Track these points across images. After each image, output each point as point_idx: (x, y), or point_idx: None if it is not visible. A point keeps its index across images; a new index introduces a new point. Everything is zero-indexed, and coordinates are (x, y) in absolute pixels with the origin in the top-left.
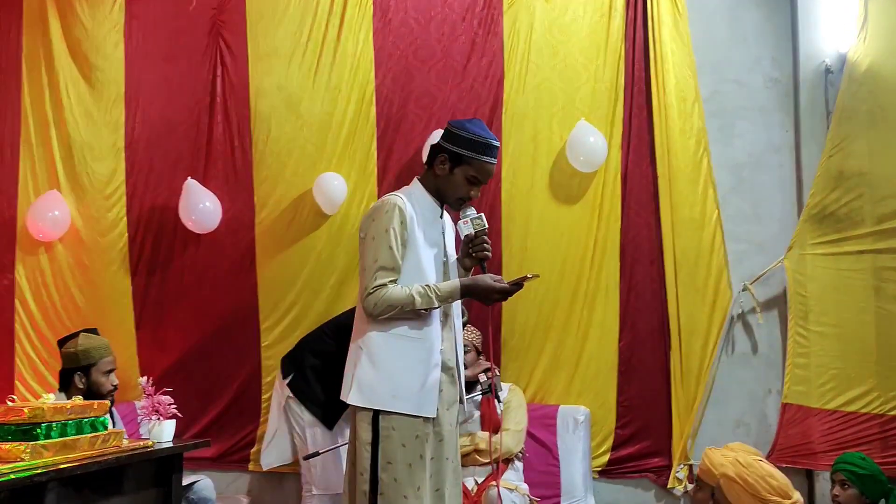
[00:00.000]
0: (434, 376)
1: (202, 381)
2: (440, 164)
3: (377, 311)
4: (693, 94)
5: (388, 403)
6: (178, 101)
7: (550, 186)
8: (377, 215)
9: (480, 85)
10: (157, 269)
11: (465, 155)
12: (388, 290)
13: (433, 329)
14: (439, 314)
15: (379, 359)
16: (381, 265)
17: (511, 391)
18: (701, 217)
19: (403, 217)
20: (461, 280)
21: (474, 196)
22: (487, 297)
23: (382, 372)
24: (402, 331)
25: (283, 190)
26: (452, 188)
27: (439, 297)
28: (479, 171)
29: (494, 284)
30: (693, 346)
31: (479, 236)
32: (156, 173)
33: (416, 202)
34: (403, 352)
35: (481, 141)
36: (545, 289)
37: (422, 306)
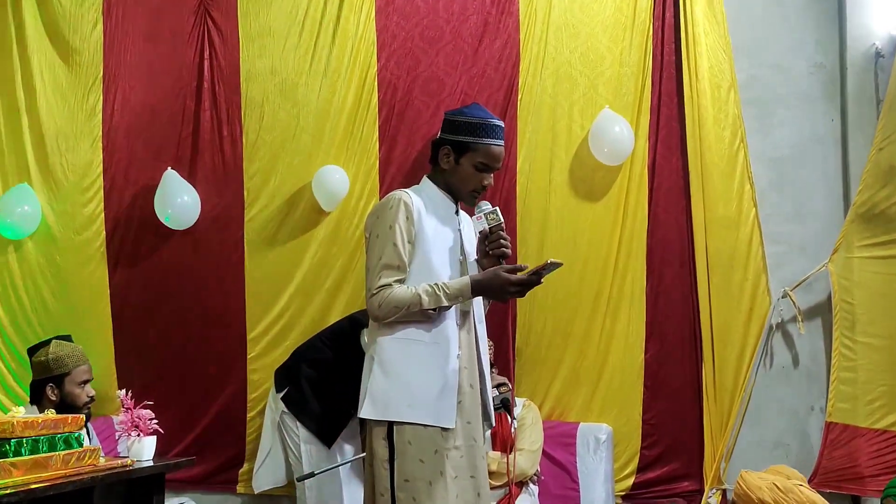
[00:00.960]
0: (451, 384)
1: (185, 394)
2: (444, 157)
3: (382, 312)
4: (728, 79)
5: (403, 413)
6: (161, 86)
7: (570, 181)
8: (382, 212)
9: (493, 69)
10: (138, 269)
11: (467, 142)
12: (392, 291)
13: (448, 332)
14: (455, 316)
15: (390, 366)
16: (386, 263)
17: (525, 407)
18: (737, 215)
19: (409, 212)
20: (472, 276)
21: (488, 185)
22: (502, 291)
23: (395, 380)
24: (414, 334)
25: (277, 183)
26: (462, 181)
27: (448, 295)
28: (486, 155)
29: (509, 277)
30: (727, 359)
31: (495, 232)
32: (136, 164)
33: (428, 198)
34: (416, 357)
35: (482, 123)
36: (564, 294)
37: (430, 306)
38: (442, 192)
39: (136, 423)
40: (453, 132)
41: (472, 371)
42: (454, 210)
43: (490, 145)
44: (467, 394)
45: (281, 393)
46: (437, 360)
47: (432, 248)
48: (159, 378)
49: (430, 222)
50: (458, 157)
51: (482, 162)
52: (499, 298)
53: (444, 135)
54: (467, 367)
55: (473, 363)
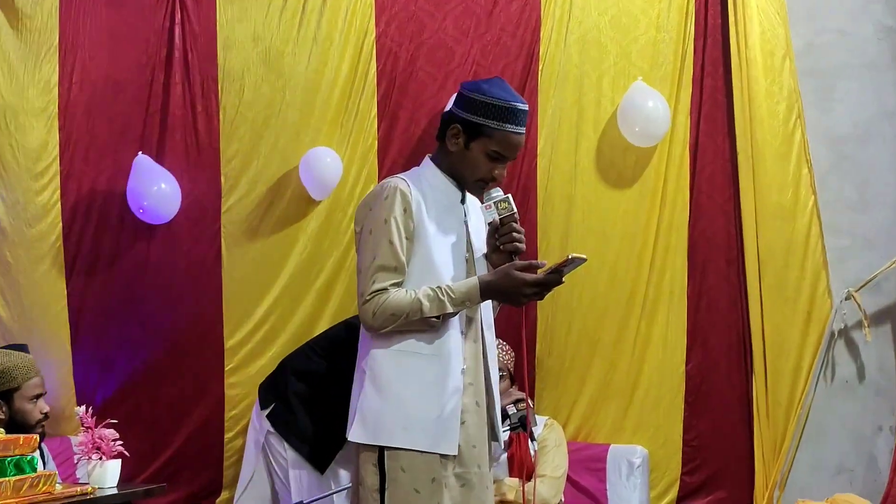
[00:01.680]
0: (454, 403)
1: (154, 411)
2: (453, 137)
3: (377, 322)
4: (783, 46)
5: (397, 437)
6: (126, 55)
7: (599, 164)
8: (375, 203)
9: (510, 36)
10: (99, 268)
11: (482, 124)
12: (388, 296)
13: (452, 343)
14: (459, 323)
15: (384, 383)
16: (381, 265)
17: (547, 427)
18: (792, 204)
19: (408, 203)
20: (480, 277)
21: (499, 177)
22: (517, 294)
23: (389, 399)
24: (412, 346)
25: (259, 168)
26: (469, 167)
27: (454, 300)
28: (502, 144)
29: (525, 276)
30: (782, 371)
31: (507, 223)
32: (98, 146)
33: (428, 185)
34: (414, 373)
35: (503, 105)
36: (591, 295)
37: (432, 313)
38: (446, 177)
39: (97, 445)
40: (468, 110)
41: (479, 387)
42: (459, 198)
43: (510, 133)
44: (472, 413)
45: (266, 410)
46: (438, 376)
47: (434, 244)
48: (124, 393)
49: (431, 214)
50: (469, 139)
51: (497, 151)
52: (513, 302)
53: (456, 111)
54: (473, 383)
55: (480, 377)
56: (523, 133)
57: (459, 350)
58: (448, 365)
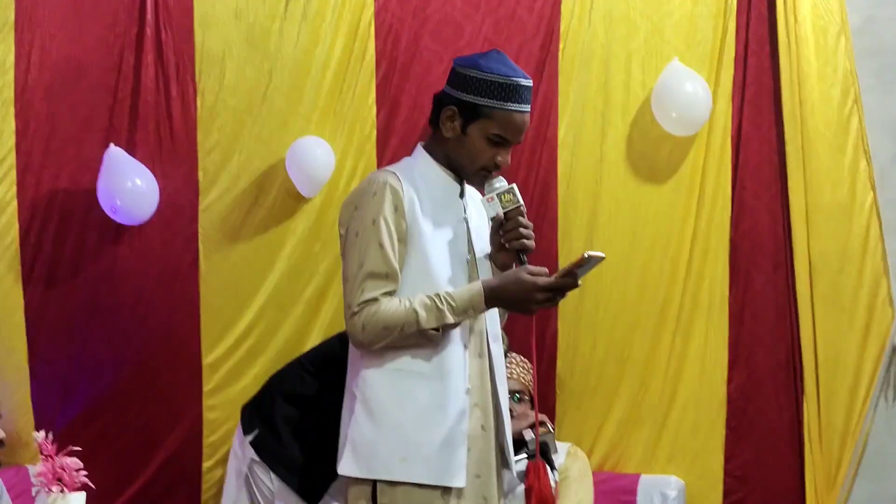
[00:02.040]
0: (460, 429)
1: (123, 437)
2: (447, 121)
3: (367, 336)
4: (838, 22)
5: (394, 470)
6: (91, 33)
7: (629, 156)
8: (361, 201)
9: (526, 10)
10: (61, 275)
11: (481, 105)
12: (380, 307)
13: (453, 359)
14: (461, 336)
15: (378, 407)
16: (370, 271)
17: (570, 456)
18: (849, 202)
19: (399, 200)
20: (484, 281)
21: (503, 164)
22: (527, 300)
23: (384, 426)
24: (408, 364)
25: (242, 161)
26: (469, 155)
27: (455, 308)
28: (504, 125)
29: (535, 280)
30: (837, 391)
31: (513, 217)
32: (59, 137)
33: (422, 178)
34: (412, 395)
35: (503, 81)
36: (620, 305)
37: (430, 325)
38: (441, 168)
39: (58, 475)
40: (464, 89)
41: (485, 408)
42: (458, 192)
43: (512, 112)
44: (478, 439)
45: (250, 436)
46: (439, 399)
47: (430, 245)
48: (88, 417)
49: (426, 211)
50: (465, 123)
51: (498, 134)
52: (522, 310)
53: (450, 90)
54: (479, 404)
55: (486, 397)
56: (528, 111)
57: (463, 367)
58: (450, 385)
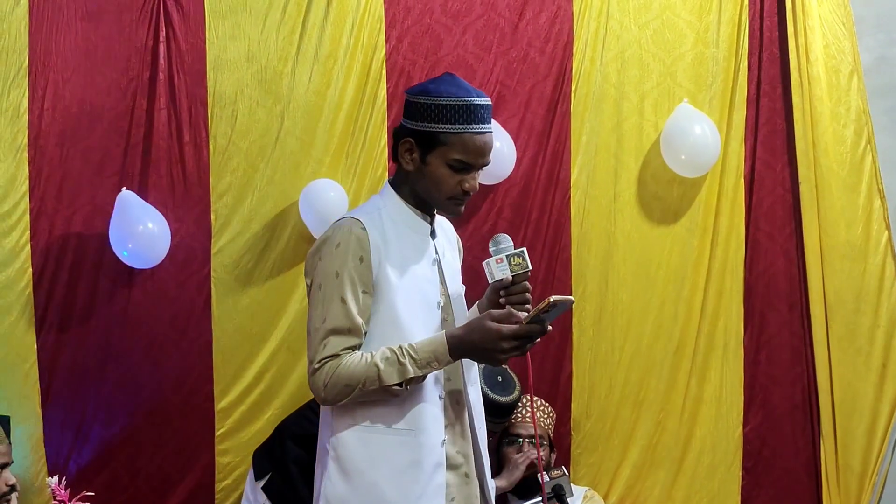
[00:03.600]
0: (436, 482)
1: (135, 482)
2: (406, 154)
3: (329, 394)
4: (850, 61)
5: None
6: (103, 78)
7: (641, 197)
8: (324, 251)
9: (538, 52)
10: (74, 320)
11: (435, 131)
12: (341, 363)
13: (427, 412)
14: (435, 387)
15: (351, 467)
16: (332, 328)
17: (587, 499)
18: (864, 241)
19: (364, 250)
20: (448, 331)
21: (471, 190)
22: (492, 350)
23: (358, 485)
24: (380, 420)
25: (254, 204)
26: (432, 185)
27: (417, 361)
28: (464, 149)
29: (499, 328)
30: (854, 432)
31: (520, 283)
32: (72, 181)
33: (389, 219)
34: (385, 453)
35: (456, 103)
36: (634, 347)
37: (392, 380)
38: (409, 207)
39: None
40: (416, 118)
41: (468, 455)
42: (427, 231)
43: (468, 133)
44: (459, 487)
45: (261, 481)
46: (414, 455)
47: (399, 294)
48: (101, 462)
49: (394, 257)
50: (424, 153)
51: (457, 159)
52: (489, 360)
53: (405, 121)
54: (461, 452)
55: (467, 445)
56: (489, 132)
57: (438, 420)
58: (425, 440)
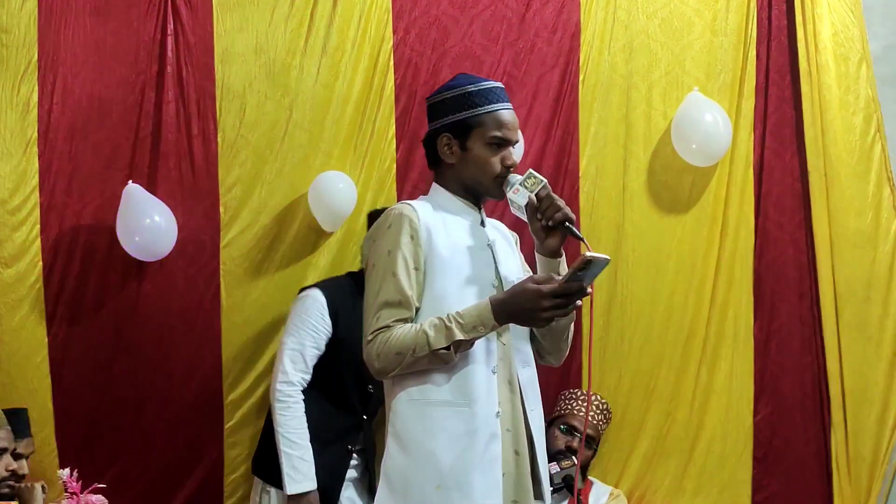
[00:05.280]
0: (492, 452)
1: (146, 474)
2: (446, 150)
3: (382, 364)
4: (859, 49)
5: (430, 498)
6: (113, 72)
7: (650, 187)
8: (378, 234)
9: (546, 42)
10: (84, 313)
11: (468, 117)
12: (392, 333)
13: (480, 384)
14: (487, 361)
15: (408, 439)
16: (384, 301)
17: (612, 497)
18: (873, 230)
19: (415, 230)
20: (491, 297)
21: (512, 164)
22: (533, 308)
23: (416, 456)
24: (433, 393)
25: (263, 197)
26: (479, 169)
27: (464, 325)
28: (497, 125)
29: (540, 287)
30: (864, 421)
31: (546, 195)
32: (82, 175)
33: (441, 208)
34: (440, 424)
35: (475, 89)
36: (644, 337)
37: (440, 344)
38: (459, 199)
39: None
40: (445, 114)
41: (518, 433)
42: (478, 220)
43: (499, 111)
44: (512, 464)
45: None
46: (469, 424)
47: (450, 272)
48: (112, 455)
49: (447, 239)
50: (462, 141)
51: (496, 135)
52: (533, 320)
53: (434, 124)
54: (511, 430)
55: (519, 423)
56: (511, 109)
57: (491, 392)
58: (478, 410)
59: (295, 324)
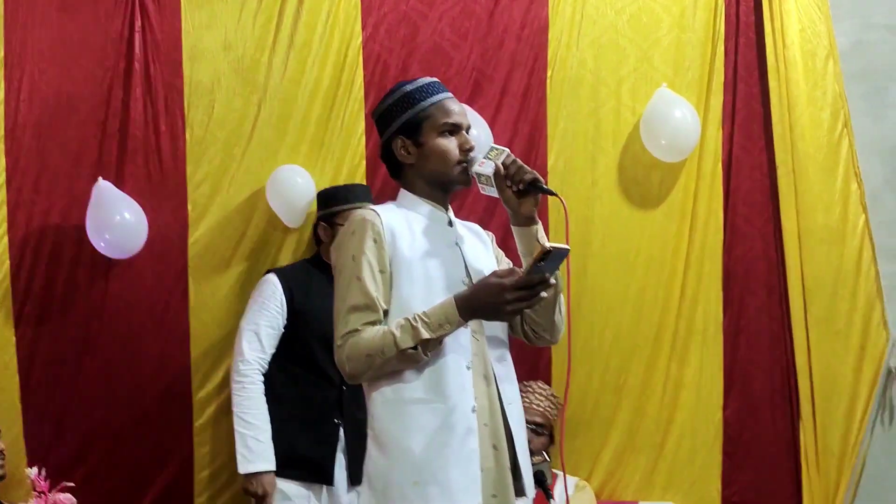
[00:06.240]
0: (469, 447)
1: (115, 473)
2: (402, 152)
3: (353, 367)
4: (826, 45)
5: (409, 495)
6: (80, 69)
7: (620, 183)
8: (343, 240)
9: (514, 38)
10: (52, 313)
11: (414, 115)
12: (361, 336)
13: (454, 380)
14: (462, 357)
15: (387, 439)
16: (352, 304)
17: (578, 489)
18: (840, 225)
19: (378, 233)
20: (456, 294)
21: (471, 148)
22: (498, 303)
23: (394, 455)
24: (407, 392)
25: (231, 194)
26: (438, 159)
27: (429, 324)
28: (444, 113)
29: (502, 281)
30: (833, 414)
31: (511, 162)
32: (49, 172)
33: (405, 211)
34: (417, 421)
35: (413, 88)
36: (615, 333)
37: (407, 344)
38: (425, 200)
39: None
40: (392, 119)
41: (496, 428)
42: (445, 221)
43: (442, 101)
44: (489, 459)
45: None
46: (444, 420)
47: (417, 274)
48: (80, 454)
49: (410, 241)
50: (416, 139)
51: (446, 122)
52: (499, 316)
53: (385, 134)
54: (488, 424)
55: (497, 418)
56: (453, 97)
57: (466, 387)
58: (454, 405)
59: (250, 307)
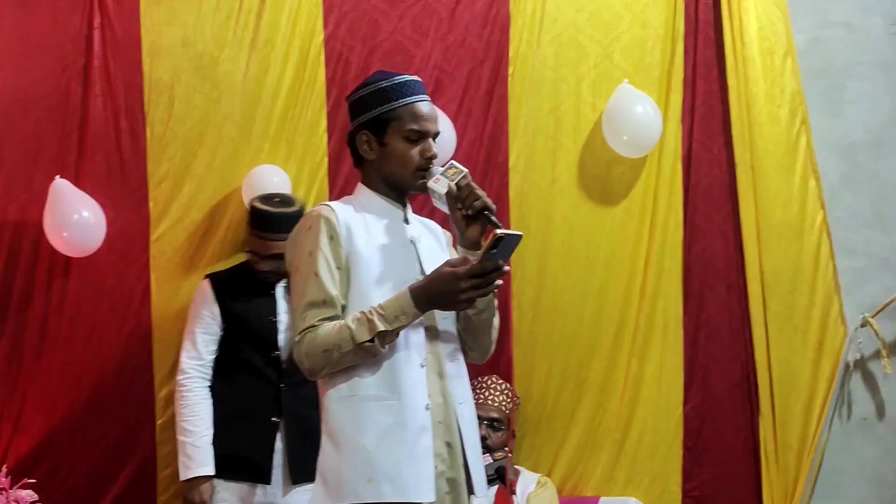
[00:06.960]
0: (423, 444)
1: (76, 471)
2: (365, 147)
3: (310, 363)
4: (784, 43)
5: (361, 493)
6: (37, 66)
7: (581, 179)
8: (298, 237)
9: (475, 37)
10: (11, 311)
11: (383, 113)
12: (318, 331)
13: (408, 378)
14: (416, 354)
15: (340, 436)
16: (310, 301)
17: (540, 485)
18: (799, 221)
19: (334, 230)
20: (411, 285)
21: (432, 157)
22: (452, 292)
23: (347, 452)
24: (361, 388)
25: (192, 190)
26: (398, 163)
27: (385, 316)
28: (413, 118)
29: (455, 270)
30: (792, 409)
31: (465, 185)
32: (7, 170)
33: (362, 208)
34: (371, 417)
35: (390, 84)
36: (575, 328)
37: (363, 337)
38: (382, 198)
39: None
40: (362, 111)
41: (450, 426)
42: (401, 217)
43: (412, 103)
44: (445, 455)
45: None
46: (398, 417)
47: (372, 270)
48: (40, 453)
49: (366, 237)
50: (380, 137)
51: (412, 128)
52: (453, 304)
53: (353, 122)
54: (442, 422)
55: (450, 416)
56: (428, 100)
57: (420, 385)
58: (408, 403)
59: (188, 315)
